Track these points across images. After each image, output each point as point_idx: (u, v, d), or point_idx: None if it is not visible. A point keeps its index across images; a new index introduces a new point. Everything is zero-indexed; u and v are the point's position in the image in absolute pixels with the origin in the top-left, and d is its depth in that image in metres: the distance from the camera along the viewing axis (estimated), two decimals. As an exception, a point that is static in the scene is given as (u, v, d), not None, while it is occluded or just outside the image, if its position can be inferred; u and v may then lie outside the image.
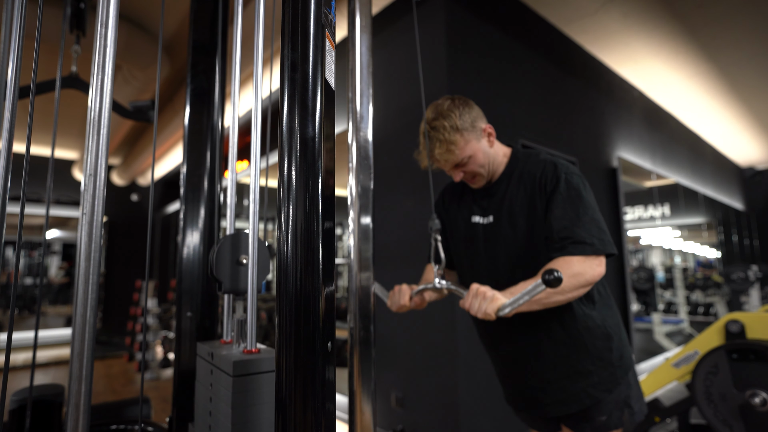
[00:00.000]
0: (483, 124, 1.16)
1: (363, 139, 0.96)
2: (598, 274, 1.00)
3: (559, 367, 1.10)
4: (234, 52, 0.82)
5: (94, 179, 0.45)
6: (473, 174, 1.16)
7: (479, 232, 1.18)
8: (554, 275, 0.80)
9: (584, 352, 1.09)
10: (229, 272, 0.71)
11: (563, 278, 0.89)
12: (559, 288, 0.93)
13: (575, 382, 1.09)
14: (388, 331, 2.42)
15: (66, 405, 0.44)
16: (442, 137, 1.10)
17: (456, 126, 1.09)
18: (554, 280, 0.80)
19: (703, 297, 5.84)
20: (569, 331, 1.09)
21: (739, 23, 3.20)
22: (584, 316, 1.10)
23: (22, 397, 1.02)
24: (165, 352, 4.48)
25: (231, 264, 0.71)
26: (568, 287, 0.97)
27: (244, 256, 0.72)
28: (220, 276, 0.70)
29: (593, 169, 3.34)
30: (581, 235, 1.00)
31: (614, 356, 1.10)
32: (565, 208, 1.04)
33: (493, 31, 2.61)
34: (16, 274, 0.63)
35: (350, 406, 0.90)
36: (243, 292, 0.72)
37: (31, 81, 0.53)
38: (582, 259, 0.99)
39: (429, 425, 2.16)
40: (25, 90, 1.57)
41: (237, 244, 0.73)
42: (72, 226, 6.67)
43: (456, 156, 1.12)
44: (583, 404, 1.09)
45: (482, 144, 1.14)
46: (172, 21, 3.03)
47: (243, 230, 0.74)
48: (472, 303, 0.94)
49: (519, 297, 0.88)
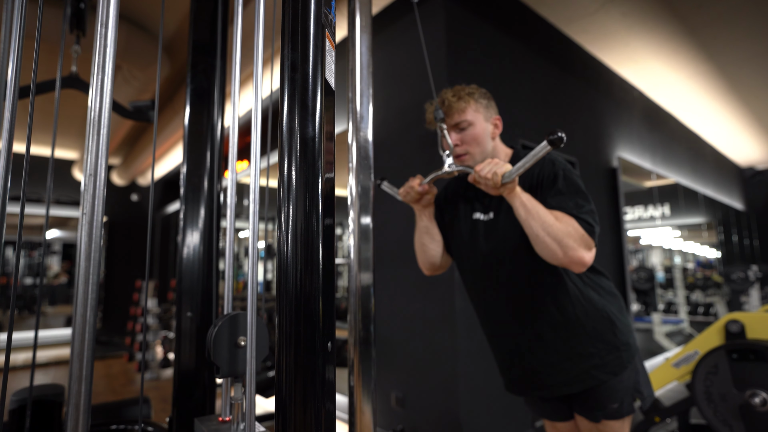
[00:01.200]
0: (495, 114, 1.24)
1: (363, 139, 0.96)
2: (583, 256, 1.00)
3: (560, 350, 1.12)
4: (234, 52, 0.82)
5: (94, 179, 0.45)
6: (465, 149, 1.19)
7: (480, 228, 1.20)
8: (558, 135, 0.85)
9: (584, 335, 1.11)
10: (227, 356, 0.69)
11: (558, 226, 0.98)
12: (553, 226, 0.99)
13: (577, 364, 1.11)
14: (388, 331, 2.42)
15: (66, 405, 0.44)
16: (459, 93, 1.20)
17: (474, 95, 1.20)
18: (557, 140, 0.85)
19: (703, 297, 5.84)
20: (567, 315, 1.11)
21: (739, 23, 3.20)
22: (583, 299, 1.12)
23: (22, 397, 1.02)
24: (165, 352, 4.48)
25: (229, 347, 0.69)
26: (562, 232, 0.99)
27: (242, 338, 0.70)
28: (218, 360, 0.68)
29: (593, 169, 3.33)
30: (581, 215, 1.03)
31: (619, 340, 1.12)
32: (564, 199, 1.06)
33: (493, 31, 2.61)
34: (16, 274, 0.63)
35: (350, 406, 0.90)
36: (241, 375, 0.70)
37: (31, 81, 0.53)
38: (580, 230, 1.01)
39: (429, 425, 2.16)
40: (25, 90, 1.57)
41: (235, 325, 0.71)
42: (72, 226, 6.67)
43: (462, 110, 1.17)
44: (586, 384, 1.10)
45: (486, 126, 1.20)
46: (172, 21, 3.03)
47: (240, 311, 0.73)
48: (483, 167, 1.02)
49: (525, 161, 0.94)
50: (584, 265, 1.01)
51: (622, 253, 3.46)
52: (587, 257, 1.01)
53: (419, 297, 2.26)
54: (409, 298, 2.32)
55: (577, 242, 0.99)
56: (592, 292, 1.15)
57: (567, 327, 1.11)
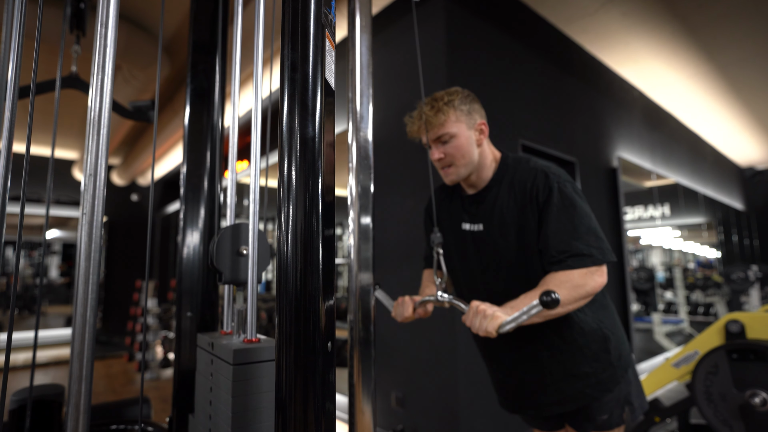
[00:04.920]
0: (479, 119, 1.16)
1: (363, 139, 0.96)
2: (600, 284, 1.00)
3: (555, 371, 1.11)
4: (234, 52, 0.82)
5: (94, 179, 0.45)
6: (450, 161, 1.13)
7: (468, 240, 1.18)
8: (552, 297, 0.80)
9: (580, 356, 1.09)
10: (230, 263, 0.71)
11: (563, 295, 0.91)
12: (565, 300, 0.94)
13: (572, 385, 1.09)
14: (388, 331, 2.42)
15: (66, 405, 0.44)
16: (437, 105, 1.13)
17: (453, 103, 1.12)
18: (551, 302, 0.80)
19: (703, 297, 5.84)
20: (565, 337, 1.09)
21: (739, 23, 3.20)
22: (579, 322, 1.10)
23: (22, 397, 1.02)
24: (165, 352, 4.48)
25: (231, 255, 0.71)
26: (570, 299, 0.96)
27: (244, 247, 0.72)
28: (221, 266, 0.70)
29: (593, 169, 3.33)
30: (579, 247, 1.00)
31: (612, 357, 1.11)
32: (560, 220, 1.02)
33: (493, 31, 2.61)
34: (16, 274, 0.63)
35: (350, 406, 0.89)
36: (243, 283, 0.72)
37: (31, 81, 0.53)
38: (583, 272, 0.98)
39: (429, 425, 2.16)
40: (25, 90, 1.57)
41: (237, 235, 0.73)
42: (72, 226, 6.67)
43: (441, 123, 1.11)
44: (579, 403, 1.09)
45: (470, 134, 1.13)
46: (172, 21, 3.03)
47: (243, 222, 0.74)
48: (473, 321, 0.94)
49: (518, 316, 0.89)
50: (601, 287, 1.01)
51: (622, 253, 3.46)
52: (600, 281, 1.00)
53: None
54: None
55: (586, 286, 0.97)
56: (586, 309, 1.12)
57: (562, 348, 1.09)
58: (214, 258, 0.70)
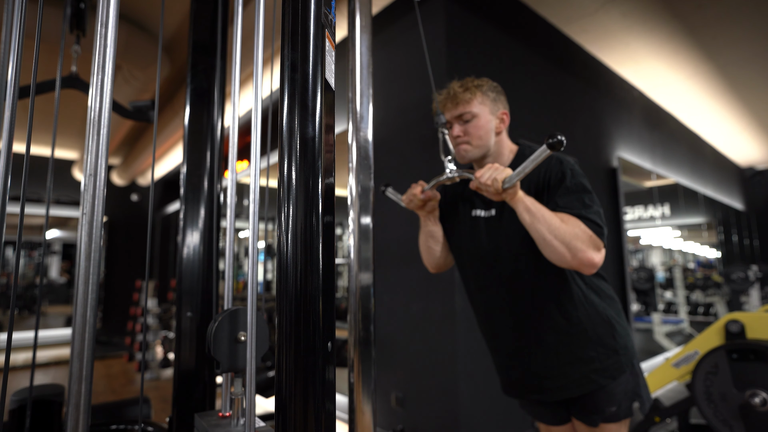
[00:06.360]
0: (503, 108, 1.21)
1: (363, 139, 0.96)
2: (592, 259, 0.99)
3: (561, 354, 1.11)
4: (234, 52, 0.82)
5: (94, 179, 0.45)
6: (468, 139, 1.17)
7: (481, 225, 1.19)
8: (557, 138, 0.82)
9: (585, 339, 1.10)
10: (227, 351, 0.69)
11: (563, 229, 0.96)
12: (559, 229, 0.97)
13: (577, 369, 1.10)
14: (388, 331, 2.42)
15: (66, 405, 0.44)
16: (466, 84, 1.18)
17: (482, 88, 1.18)
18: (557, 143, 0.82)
19: (703, 297, 5.84)
20: (571, 319, 1.10)
21: (739, 23, 3.20)
22: (586, 302, 1.11)
23: (22, 397, 1.02)
24: (165, 352, 4.47)
25: (229, 342, 0.69)
26: (564, 236, 0.97)
27: (242, 333, 0.70)
28: (218, 355, 0.68)
29: (593, 169, 3.34)
30: (589, 216, 1.02)
31: (618, 344, 1.11)
32: (570, 198, 1.05)
33: (493, 31, 2.61)
34: (16, 274, 0.63)
35: (350, 406, 0.90)
36: (241, 370, 0.70)
37: (31, 81, 0.53)
38: (589, 232, 0.99)
39: (429, 425, 2.16)
40: (25, 90, 1.57)
41: (235, 320, 0.71)
42: (72, 226, 6.67)
43: (467, 101, 1.16)
44: (585, 389, 1.10)
45: (491, 119, 1.18)
46: (172, 21, 3.03)
47: (240, 307, 0.73)
48: (483, 173, 1.01)
49: (526, 164, 0.93)
50: (594, 267, 0.99)
51: (622, 253, 3.46)
52: (597, 258, 0.99)
53: (419, 297, 2.26)
54: (409, 298, 2.32)
55: (585, 244, 0.98)
56: (593, 295, 1.13)
57: (569, 331, 1.10)
58: (212, 347, 0.67)
